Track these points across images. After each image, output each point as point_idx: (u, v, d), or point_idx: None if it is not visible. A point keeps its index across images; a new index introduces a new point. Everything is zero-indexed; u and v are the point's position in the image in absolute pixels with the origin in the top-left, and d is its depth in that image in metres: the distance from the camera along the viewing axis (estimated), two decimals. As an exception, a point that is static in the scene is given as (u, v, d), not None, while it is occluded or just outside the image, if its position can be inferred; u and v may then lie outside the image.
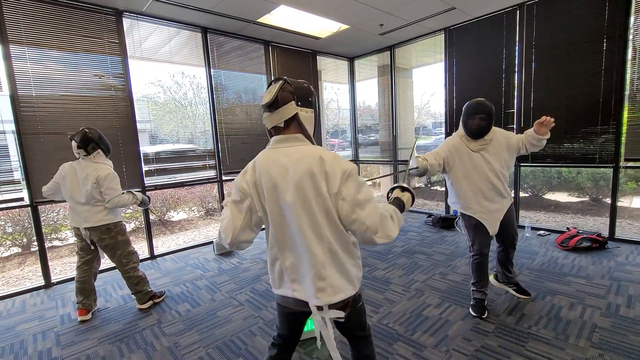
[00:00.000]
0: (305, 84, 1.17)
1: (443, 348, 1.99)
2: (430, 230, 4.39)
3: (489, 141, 2.19)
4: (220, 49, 4.29)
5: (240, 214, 1.13)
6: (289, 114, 1.10)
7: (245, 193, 1.14)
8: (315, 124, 1.20)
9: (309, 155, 1.06)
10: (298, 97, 1.12)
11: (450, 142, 2.29)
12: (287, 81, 1.12)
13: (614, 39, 3.35)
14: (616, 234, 3.62)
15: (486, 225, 2.25)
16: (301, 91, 1.13)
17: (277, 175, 1.08)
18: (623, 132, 3.41)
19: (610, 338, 1.98)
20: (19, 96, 3.01)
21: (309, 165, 1.04)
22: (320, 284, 1.08)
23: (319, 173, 1.03)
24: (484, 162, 2.19)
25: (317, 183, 1.03)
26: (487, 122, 2.12)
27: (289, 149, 1.11)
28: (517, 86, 4.03)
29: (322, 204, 1.04)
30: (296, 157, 1.07)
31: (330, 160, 1.05)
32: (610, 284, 2.64)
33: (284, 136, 1.13)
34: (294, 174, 1.05)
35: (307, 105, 1.14)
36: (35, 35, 3.06)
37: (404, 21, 4.27)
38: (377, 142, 6.16)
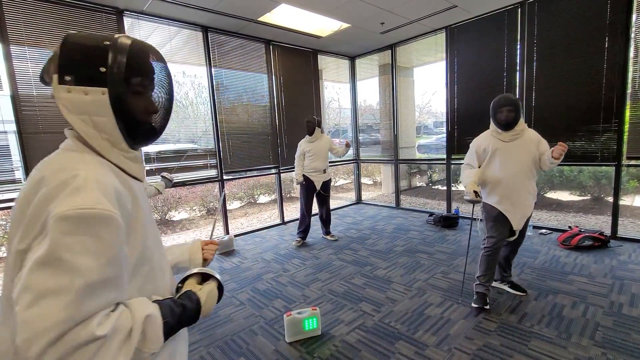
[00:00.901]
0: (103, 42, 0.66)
1: (445, 347, 1.99)
2: (432, 229, 4.38)
3: (520, 132, 2.28)
4: (221, 48, 4.29)
5: None
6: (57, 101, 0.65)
7: None
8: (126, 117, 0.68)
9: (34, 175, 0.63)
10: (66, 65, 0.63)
11: (477, 143, 2.41)
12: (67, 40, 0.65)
13: (616, 37, 3.33)
14: (618, 233, 3.61)
15: (510, 218, 2.31)
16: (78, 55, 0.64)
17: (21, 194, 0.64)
18: (625, 130, 3.39)
19: (613, 337, 1.97)
20: (20, 95, 3.01)
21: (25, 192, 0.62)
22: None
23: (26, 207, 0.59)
24: (516, 151, 2.28)
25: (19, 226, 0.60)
26: (515, 113, 2.22)
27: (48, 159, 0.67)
28: (519, 85, 4.01)
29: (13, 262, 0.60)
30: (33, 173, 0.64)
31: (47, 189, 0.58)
32: (613, 283, 2.63)
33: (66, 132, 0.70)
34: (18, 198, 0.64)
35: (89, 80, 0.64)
36: (36, 34, 3.06)
37: (405, 20, 4.26)
38: (378, 141, 6.15)
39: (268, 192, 7.51)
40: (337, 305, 2.55)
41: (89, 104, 0.64)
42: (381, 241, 4.02)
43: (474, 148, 2.40)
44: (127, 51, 0.67)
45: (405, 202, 6.34)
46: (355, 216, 5.34)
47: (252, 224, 5.70)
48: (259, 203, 7.32)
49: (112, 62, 0.65)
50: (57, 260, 0.52)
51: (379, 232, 4.39)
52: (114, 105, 0.66)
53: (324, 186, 4.06)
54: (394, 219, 5.02)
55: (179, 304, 0.71)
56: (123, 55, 0.66)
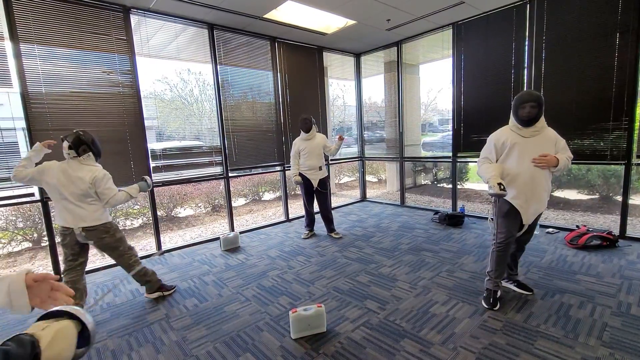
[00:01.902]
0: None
1: (450, 345, 1.98)
2: (437, 228, 4.36)
3: (540, 129, 2.26)
4: (226, 46, 4.29)
5: None
6: None
7: None
8: None
9: None
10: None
11: (496, 137, 2.36)
12: None
13: (627, 33, 3.27)
14: (627, 232, 3.57)
15: (522, 213, 2.29)
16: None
17: None
18: (636, 129, 3.34)
19: (621, 337, 1.95)
20: (29, 93, 3.04)
21: None
22: None
23: None
24: (535, 147, 2.25)
25: None
26: (538, 109, 2.19)
27: None
28: (527, 82, 3.96)
29: None
30: None
31: None
32: (621, 283, 2.60)
33: None
34: None
35: None
36: (45, 32, 3.09)
37: (412, 16, 4.22)
38: (383, 138, 6.13)
39: (273, 190, 7.53)
40: (342, 303, 2.55)
41: None
42: (386, 239, 4.01)
43: (493, 142, 2.36)
44: None
45: (410, 200, 6.32)
46: (360, 214, 5.34)
47: (257, 221, 5.72)
48: (263, 200, 7.35)
49: None
50: None
51: (383, 230, 4.38)
52: None
53: (321, 183, 4.08)
54: (399, 217, 5.01)
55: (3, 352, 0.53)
56: None
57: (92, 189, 2.40)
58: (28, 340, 0.56)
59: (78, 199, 2.39)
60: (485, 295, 2.40)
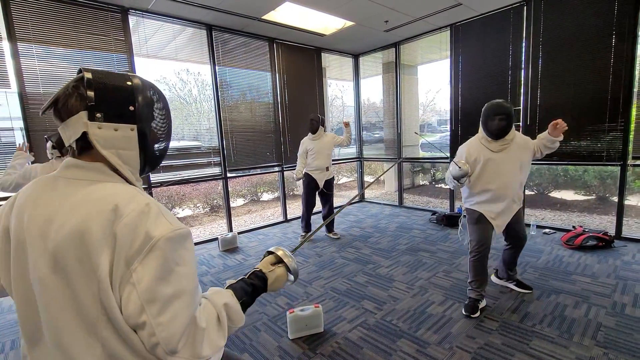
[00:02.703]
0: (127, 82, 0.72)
1: (446, 345, 2.00)
2: (435, 228, 4.38)
3: (509, 141, 2.20)
4: (225, 46, 4.30)
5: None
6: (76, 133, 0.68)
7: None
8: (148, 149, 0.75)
9: (95, 202, 0.64)
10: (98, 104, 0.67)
11: (467, 149, 2.31)
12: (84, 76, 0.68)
13: (623, 35, 3.30)
14: (623, 233, 3.59)
15: (493, 223, 2.27)
16: (108, 94, 0.69)
17: (31, 225, 0.66)
18: (631, 130, 3.36)
19: (615, 337, 1.97)
20: (27, 93, 3.04)
21: (86, 218, 0.62)
22: None
23: (100, 234, 0.61)
24: (504, 162, 2.21)
25: (91, 252, 0.61)
26: (507, 122, 2.14)
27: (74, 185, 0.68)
28: (524, 83, 3.99)
29: (97, 287, 0.61)
30: (73, 203, 0.65)
31: (132, 215, 0.63)
32: (616, 283, 2.62)
33: (75, 162, 0.71)
34: (58, 230, 0.63)
35: (119, 118, 0.70)
36: (43, 33, 3.09)
37: (409, 17, 4.24)
38: (381, 139, 6.15)
39: (271, 190, 7.54)
40: (340, 303, 2.57)
41: (119, 139, 0.70)
42: (384, 239, 4.03)
43: (464, 155, 2.30)
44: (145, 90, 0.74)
45: (408, 200, 6.34)
46: (358, 214, 5.35)
47: (256, 221, 5.73)
48: (262, 200, 7.36)
49: (139, 101, 0.72)
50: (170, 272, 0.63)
51: (381, 231, 4.40)
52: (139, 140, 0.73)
53: (327, 184, 4.07)
54: (397, 218, 5.03)
55: (249, 284, 0.85)
56: (144, 94, 0.73)
57: None
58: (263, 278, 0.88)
59: None
60: (467, 302, 2.34)
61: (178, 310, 0.62)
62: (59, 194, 0.67)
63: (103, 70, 0.72)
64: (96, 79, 0.68)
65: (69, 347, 0.64)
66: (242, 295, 0.80)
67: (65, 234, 0.62)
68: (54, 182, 0.71)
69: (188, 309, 0.64)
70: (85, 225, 0.61)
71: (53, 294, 0.63)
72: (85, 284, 0.62)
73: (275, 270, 0.91)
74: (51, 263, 0.63)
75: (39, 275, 0.64)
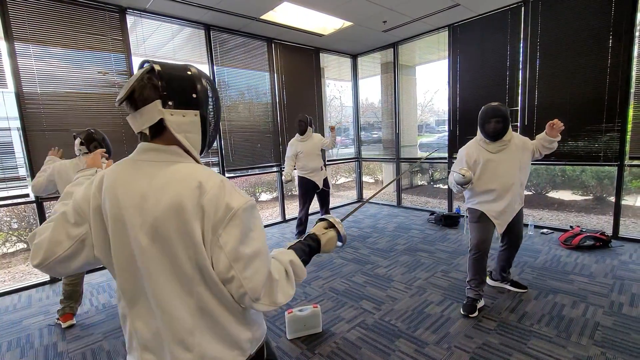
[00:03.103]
0: (188, 72, 0.80)
1: (445, 345, 2.00)
2: (433, 228, 4.39)
3: (507, 142, 2.25)
4: (223, 46, 4.30)
5: (67, 241, 0.79)
6: (152, 119, 0.76)
7: (84, 217, 0.80)
8: (207, 132, 0.84)
9: (181, 180, 0.75)
10: (169, 93, 0.76)
11: (466, 152, 2.35)
12: (153, 68, 0.76)
13: (620, 36, 3.31)
14: (620, 233, 3.61)
15: (495, 222, 2.29)
16: (176, 84, 0.77)
17: (127, 203, 0.76)
18: (628, 130, 3.38)
19: (612, 336, 1.98)
20: (24, 93, 3.03)
21: (178, 194, 0.73)
22: (184, 356, 0.77)
23: (191, 207, 0.73)
24: (503, 163, 2.25)
25: (187, 222, 0.72)
26: (503, 124, 2.19)
27: (155, 166, 0.78)
28: (522, 83, 4.00)
29: (193, 250, 0.74)
30: (162, 181, 0.75)
31: (213, 191, 0.74)
32: (614, 283, 2.63)
33: (152, 146, 0.80)
34: (154, 205, 0.74)
35: (187, 105, 0.79)
36: (40, 32, 3.08)
37: (408, 18, 4.25)
38: (380, 139, 6.15)
39: (269, 190, 7.54)
40: (338, 303, 2.57)
41: (187, 124, 0.79)
42: (382, 240, 4.03)
43: (464, 158, 2.34)
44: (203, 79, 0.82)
45: (406, 200, 6.35)
46: (356, 214, 5.36)
47: (254, 221, 5.71)
48: (260, 201, 7.35)
49: (198, 89, 0.80)
50: (247, 236, 0.75)
51: (380, 231, 4.40)
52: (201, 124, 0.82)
53: (325, 183, 4.06)
54: (395, 218, 5.03)
55: (306, 245, 0.97)
56: (201, 83, 0.81)
57: None
58: (317, 240, 1.01)
59: None
60: (465, 302, 2.35)
61: (258, 266, 0.76)
62: (145, 175, 0.77)
63: (166, 62, 0.80)
64: (165, 71, 0.77)
65: (168, 303, 0.76)
66: (301, 255, 0.92)
67: (162, 208, 0.73)
68: (135, 165, 0.80)
69: (265, 265, 0.77)
70: (179, 200, 0.72)
71: (154, 259, 0.75)
72: (183, 249, 0.73)
73: (327, 234, 1.04)
74: (151, 233, 0.74)
75: (141, 245, 0.74)
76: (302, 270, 0.89)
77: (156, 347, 0.79)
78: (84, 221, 0.80)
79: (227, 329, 0.80)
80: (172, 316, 0.76)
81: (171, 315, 0.76)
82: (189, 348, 0.77)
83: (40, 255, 0.78)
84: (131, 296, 0.80)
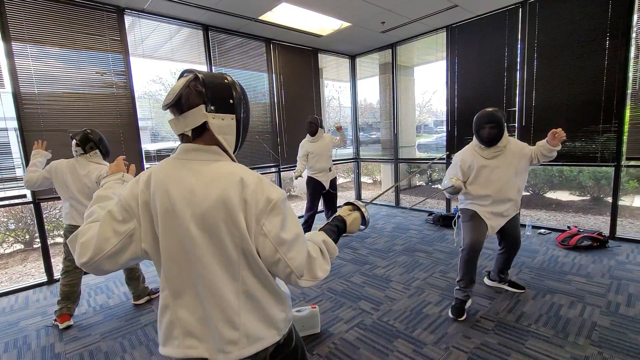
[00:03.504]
0: (225, 80, 0.90)
1: (443, 345, 2.00)
2: (431, 229, 4.40)
3: (502, 148, 2.23)
4: (221, 47, 4.29)
5: (114, 237, 0.84)
6: (196, 122, 0.85)
7: (131, 213, 0.86)
8: (240, 134, 0.93)
9: (226, 177, 0.84)
10: (211, 99, 0.86)
11: (461, 157, 2.34)
12: (197, 76, 0.86)
13: (617, 37, 3.33)
14: (617, 233, 3.63)
15: (487, 222, 2.28)
16: (216, 91, 0.87)
17: (178, 196, 0.84)
18: (625, 131, 3.40)
19: (609, 336, 1.99)
20: (22, 93, 3.02)
21: (224, 189, 0.83)
22: (232, 334, 0.85)
23: (236, 201, 0.82)
24: (498, 169, 2.24)
25: (233, 213, 0.82)
26: (498, 130, 2.18)
27: (200, 164, 0.87)
28: (519, 84, 4.02)
29: (239, 238, 0.83)
30: (208, 177, 0.85)
31: (254, 186, 0.84)
32: (611, 283, 2.64)
33: (195, 146, 0.89)
34: (203, 199, 0.83)
35: (225, 109, 0.88)
36: (38, 32, 3.07)
37: (406, 19, 4.26)
38: (378, 140, 6.16)
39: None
40: (336, 304, 2.57)
41: (225, 126, 0.89)
42: (380, 240, 4.04)
43: (459, 164, 2.33)
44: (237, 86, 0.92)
45: (404, 201, 6.36)
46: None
47: (252, 222, 5.71)
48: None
49: (234, 95, 0.90)
50: (286, 223, 0.87)
51: (378, 231, 4.40)
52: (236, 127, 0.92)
53: (332, 184, 4.05)
54: (394, 218, 5.04)
55: (334, 225, 1.07)
56: (236, 90, 0.91)
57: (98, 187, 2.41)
58: (342, 220, 1.11)
59: (85, 196, 2.42)
60: (454, 304, 2.32)
61: (299, 248, 0.88)
62: (191, 171, 0.86)
63: (205, 71, 0.90)
64: (207, 79, 0.87)
65: (217, 286, 0.84)
66: (330, 235, 1.03)
67: (210, 201, 0.82)
68: (181, 164, 0.88)
69: (304, 246, 0.90)
70: (225, 194, 0.82)
71: (203, 247, 0.83)
72: (229, 237, 0.83)
73: (352, 215, 1.14)
74: (200, 224, 0.82)
75: (192, 234, 0.83)
76: (334, 248, 1.01)
77: (201, 331, 0.87)
78: (131, 217, 0.86)
79: (267, 310, 0.91)
80: (222, 298, 0.85)
81: (221, 297, 0.85)
82: (236, 327, 0.86)
83: (89, 252, 0.83)
84: (176, 286, 0.87)
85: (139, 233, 0.87)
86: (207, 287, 0.84)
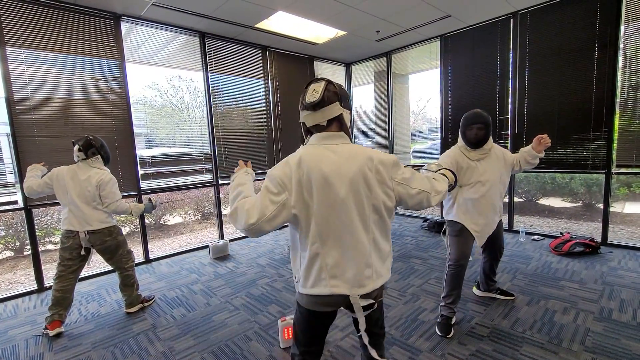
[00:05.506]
0: (342, 86, 1.25)
1: (438, 352, 2.00)
2: (426, 235, 4.41)
3: (488, 151, 2.21)
4: (218, 54, 4.32)
5: (272, 205, 1.09)
6: (334, 114, 1.17)
7: (284, 187, 1.11)
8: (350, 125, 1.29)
9: (359, 154, 1.16)
10: (341, 98, 1.19)
11: (449, 155, 2.28)
12: (330, 81, 1.18)
13: (605, 48, 3.42)
14: (609, 239, 3.67)
15: (475, 235, 2.23)
16: (343, 93, 1.21)
17: (329, 170, 1.12)
18: (615, 139, 3.47)
19: (603, 342, 2.00)
20: (15, 98, 3.00)
21: (361, 163, 1.14)
22: (367, 271, 1.16)
23: (370, 171, 1.14)
24: (485, 171, 2.20)
25: (369, 180, 1.14)
26: (485, 131, 2.16)
27: (335, 146, 1.17)
28: (511, 92, 4.09)
29: (372, 199, 1.15)
30: (346, 155, 1.15)
31: (379, 157, 1.17)
32: (603, 289, 2.67)
33: (329, 133, 1.19)
34: (347, 170, 1.12)
35: (347, 106, 1.22)
36: (32, 37, 3.06)
37: (400, 28, 4.33)
38: (373, 146, 6.20)
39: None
40: (332, 311, 2.55)
41: (347, 118, 1.23)
42: (376, 246, 4.02)
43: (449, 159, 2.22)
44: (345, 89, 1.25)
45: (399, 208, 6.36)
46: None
47: (247, 228, 5.67)
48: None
49: (348, 97, 1.25)
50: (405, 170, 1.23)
51: (373, 238, 4.39)
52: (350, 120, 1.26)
53: None
54: (389, 225, 5.04)
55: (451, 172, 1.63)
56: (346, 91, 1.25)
57: (97, 192, 2.44)
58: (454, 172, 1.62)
59: (84, 201, 2.42)
60: (439, 321, 2.22)
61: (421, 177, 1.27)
62: (333, 152, 1.16)
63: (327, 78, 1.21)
64: (335, 83, 1.20)
65: (359, 235, 1.15)
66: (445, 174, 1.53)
67: (354, 171, 1.13)
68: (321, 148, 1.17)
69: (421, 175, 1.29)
70: (362, 165, 1.14)
71: (350, 206, 1.13)
72: (367, 198, 1.15)
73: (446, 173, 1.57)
74: (347, 188, 1.12)
75: (341, 196, 1.12)
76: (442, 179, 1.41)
77: (340, 273, 1.14)
78: (284, 190, 1.11)
79: (385, 255, 1.23)
80: (363, 244, 1.15)
81: (362, 243, 1.15)
82: (370, 266, 1.17)
83: (255, 216, 1.08)
84: (325, 238, 1.13)
85: (290, 202, 1.11)
86: (352, 236, 1.13)
